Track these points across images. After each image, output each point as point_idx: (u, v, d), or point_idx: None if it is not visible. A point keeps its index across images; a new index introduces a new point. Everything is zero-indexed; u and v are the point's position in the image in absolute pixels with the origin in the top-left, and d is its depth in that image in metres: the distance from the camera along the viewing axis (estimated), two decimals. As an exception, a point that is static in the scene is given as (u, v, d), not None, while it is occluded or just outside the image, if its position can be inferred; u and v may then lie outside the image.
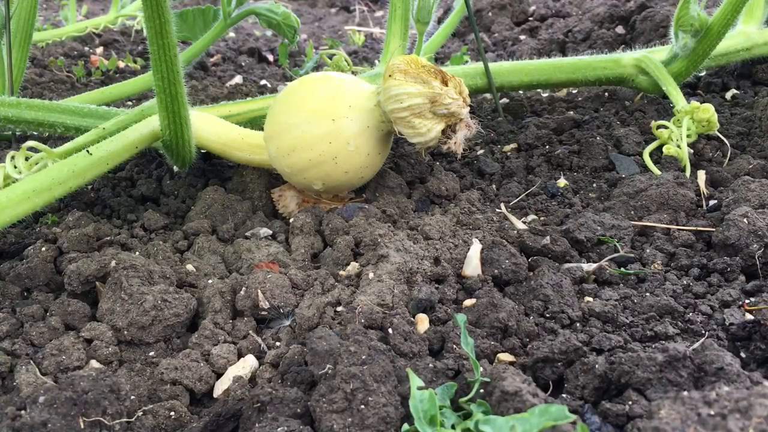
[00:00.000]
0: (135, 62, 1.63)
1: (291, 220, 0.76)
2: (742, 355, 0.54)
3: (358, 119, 0.71)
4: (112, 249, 0.71)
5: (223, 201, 0.80)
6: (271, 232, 0.76)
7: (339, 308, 0.60)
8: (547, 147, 0.97)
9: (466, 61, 1.41)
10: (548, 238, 0.70)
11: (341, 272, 0.65)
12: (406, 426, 0.44)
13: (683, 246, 0.72)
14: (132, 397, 0.50)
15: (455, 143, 0.70)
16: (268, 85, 1.45)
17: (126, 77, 1.47)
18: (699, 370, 0.48)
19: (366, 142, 0.72)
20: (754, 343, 0.55)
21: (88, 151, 0.75)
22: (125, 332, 0.58)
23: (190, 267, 0.69)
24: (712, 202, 0.80)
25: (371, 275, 0.62)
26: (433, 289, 0.61)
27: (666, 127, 0.88)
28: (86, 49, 1.71)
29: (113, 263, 0.64)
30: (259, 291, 0.60)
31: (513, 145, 0.99)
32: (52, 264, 0.68)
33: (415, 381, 0.45)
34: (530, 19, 1.88)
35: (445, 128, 0.69)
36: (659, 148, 0.88)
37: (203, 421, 0.49)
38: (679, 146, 0.85)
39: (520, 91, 1.19)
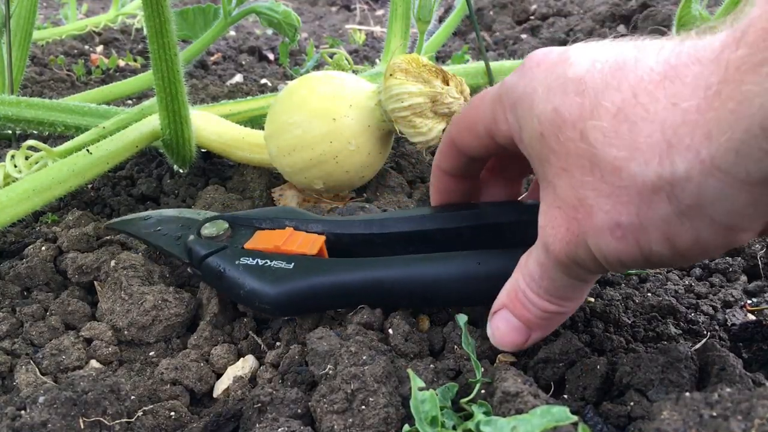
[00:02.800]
0: (135, 61, 1.63)
1: (291, 220, 0.75)
2: (744, 355, 0.54)
3: (359, 118, 0.71)
4: (112, 248, 0.71)
5: (223, 200, 0.79)
6: (271, 231, 0.76)
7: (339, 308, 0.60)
8: (549, 146, 0.96)
9: (467, 60, 1.41)
10: (549, 237, 0.70)
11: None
12: (406, 427, 0.44)
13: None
14: (132, 397, 0.50)
15: (456, 143, 0.69)
16: (269, 84, 1.45)
17: (126, 76, 1.47)
18: (701, 371, 0.48)
19: (367, 142, 0.72)
20: (756, 343, 0.54)
21: (88, 150, 0.75)
22: (125, 332, 0.58)
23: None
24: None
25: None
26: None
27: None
28: (86, 47, 1.71)
29: (113, 263, 0.64)
30: (259, 291, 0.60)
31: (514, 145, 0.99)
32: (52, 263, 0.68)
33: (416, 382, 0.45)
34: (531, 18, 1.88)
35: (446, 127, 0.69)
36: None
37: (203, 421, 0.49)
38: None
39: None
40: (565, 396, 0.49)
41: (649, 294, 0.64)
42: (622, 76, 0.37)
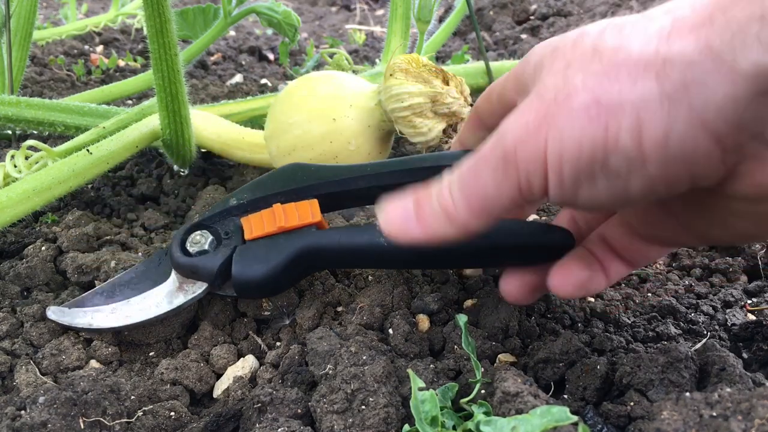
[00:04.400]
0: (135, 61, 1.63)
1: (291, 220, 0.75)
2: (744, 355, 0.54)
3: (359, 118, 0.71)
4: (112, 248, 0.71)
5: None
6: (271, 231, 0.76)
7: (339, 308, 0.60)
8: (549, 146, 0.96)
9: (467, 60, 1.40)
10: (549, 237, 0.70)
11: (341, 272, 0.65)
12: (406, 427, 0.44)
13: (685, 246, 0.72)
14: (132, 397, 0.50)
15: (456, 143, 0.70)
16: (269, 84, 1.45)
17: (126, 76, 1.47)
18: (701, 371, 0.48)
19: (367, 142, 0.72)
20: (757, 343, 0.54)
21: (88, 150, 0.75)
22: (125, 332, 0.58)
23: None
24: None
25: (371, 275, 0.61)
26: (434, 288, 0.61)
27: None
28: (86, 47, 1.70)
29: (113, 263, 0.64)
30: (259, 291, 0.60)
31: (514, 145, 0.99)
32: (52, 263, 0.68)
33: (417, 382, 0.45)
34: (531, 18, 1.88)
35: (447, 128, 0.69)
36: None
37: (203, 422, 0.49)
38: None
39: (521, 90, 1.19)
40: (565, 396, 0.49)
41: (649, 294, 0.64)
42: (654, 9, 0.39)
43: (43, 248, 0.70)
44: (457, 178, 0.42)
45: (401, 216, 0.44)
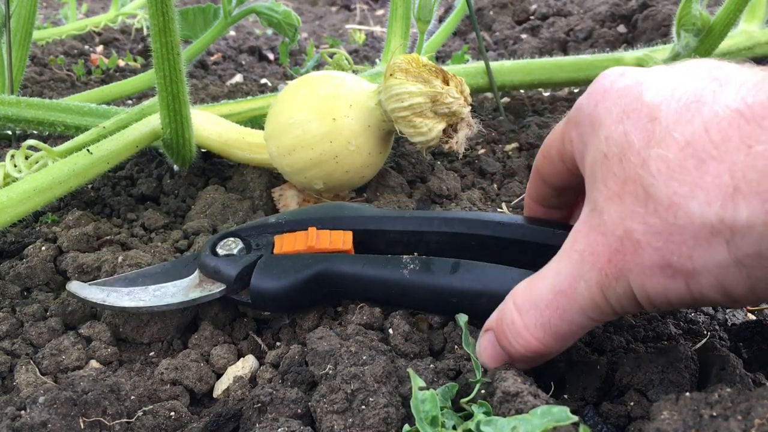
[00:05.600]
0: (135, 61, 1.63)
1: (291, 220, 0.75)
2: (744, 355, 0.54)
3: (359, 118, 0.71)
4: (112, 248, 0.71)
5: (223, 200, 0.79)
6: (271, 231, 0.76)
7: (339, 308, 0.60)
8: (549, 146, 0.96)
9: (467, 60, 1.41)
10: (549, 237, 0.70)
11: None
12: (406, 426, 0.44)
13: None
14: (132, 397, 0.50)
15: (456, 142, 0.70)
16: (269, 84, 1.45)
17: (126, 76, 1.47)
18: (701, 371, 0.48)
19: (367, 142, 0.72)
20: (757, 343, 0.54)
21: (88, 150, 0.75)
22: (127, 327, 0.58)
23: (190, 266, 0.69)
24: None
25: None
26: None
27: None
28: (86, 47, 1.70)
29: (120, 258, 0.64)
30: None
31: (514, 145, 0.99)
32: (52, 263, 0.68)
33: (417, 381, 0.45)
34: (531, 17, 1.88)
35: (447, 127, 0.69)
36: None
37: (203, 422, 0.49)
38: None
39: (522, 91, 1.19)
40: (565, 396, 0.49)
41: (649, 294, 0.64)
42: (696, 109, 0.35)
43: (43, 248, 0.70)
44: (534, 321, 0.43)
45: (500, 359, 0.46)
